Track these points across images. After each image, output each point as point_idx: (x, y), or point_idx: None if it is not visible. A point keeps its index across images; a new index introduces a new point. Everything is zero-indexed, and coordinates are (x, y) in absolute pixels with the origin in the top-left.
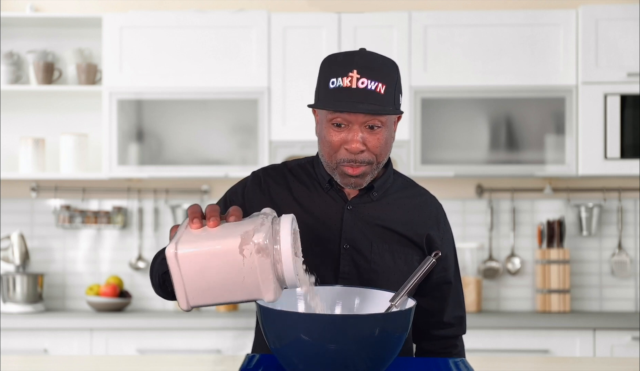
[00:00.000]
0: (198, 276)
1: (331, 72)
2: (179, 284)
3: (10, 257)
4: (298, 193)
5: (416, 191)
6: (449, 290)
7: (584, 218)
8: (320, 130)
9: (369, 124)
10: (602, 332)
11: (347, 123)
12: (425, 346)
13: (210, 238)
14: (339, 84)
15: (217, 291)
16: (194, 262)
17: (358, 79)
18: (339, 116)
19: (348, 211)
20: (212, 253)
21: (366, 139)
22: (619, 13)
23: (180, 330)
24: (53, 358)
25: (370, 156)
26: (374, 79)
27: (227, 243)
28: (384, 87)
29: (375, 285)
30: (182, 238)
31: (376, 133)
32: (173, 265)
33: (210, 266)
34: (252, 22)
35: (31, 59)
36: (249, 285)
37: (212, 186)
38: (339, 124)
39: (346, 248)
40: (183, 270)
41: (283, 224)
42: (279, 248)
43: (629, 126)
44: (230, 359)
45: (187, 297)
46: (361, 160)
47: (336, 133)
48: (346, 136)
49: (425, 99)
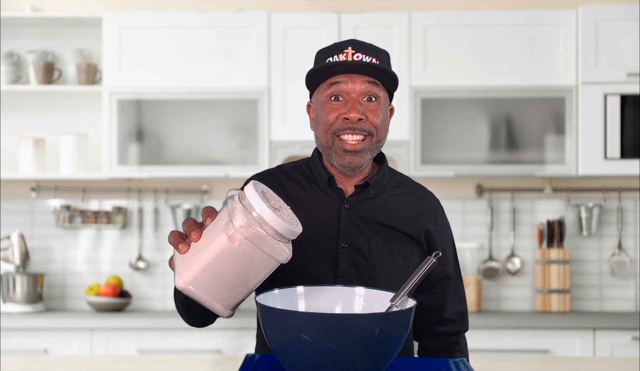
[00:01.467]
0: (218, 286)
1: (325, 53)
2: (208, 301)
3: (10, 257)
4: (294, 194)
5: (413, 188)
6: (448, 285)
7: (584, 218)
8: (318, 109)
9: (367, 96)
10: (602, 332)
11: (344, 95)
12: (427, 344)
13: (202, 251)
14: (335, 60)
15: (242, 285)
16: (205, 279)
17: (353, 53)
18: (336, 88)
19: (345, 210)
20: (212, 262)
21: (365, 110)
22: (619, 13)
23: (180, 330)
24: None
25: (369, 125)
26: (368, 55)
27: (217, 245)
28: (378, 61)
29: (374, 283)
30: (180, 267)
31: (374, 106)
32: (192, 292)
33: (220, 271)
34: (252, 22)
35: (31, 59)
36: (261, 261)
37: (212, 186)
38: (337, 98)
39: (344, 247)
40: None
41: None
42: (257, 214)
43: (629, 126)
44: (230, 359)
45: (222, 306)
46: (361, 128)
47: (334, 108)
48: (344, 108)
49: (425, 99)
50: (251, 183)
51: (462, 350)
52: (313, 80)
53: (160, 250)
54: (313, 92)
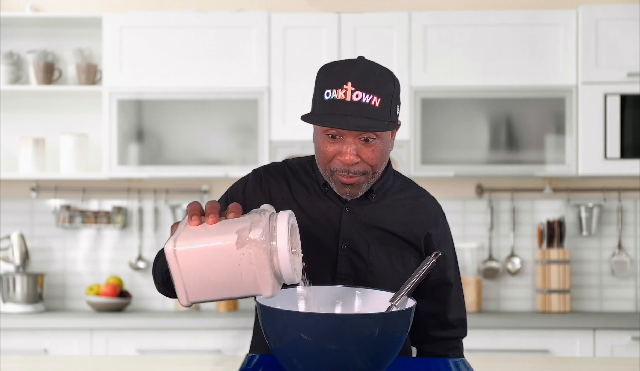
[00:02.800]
0: (197, 273)
1: (326, 83)
2: (178, 280)
3: (10, 257)
4: (297, 192)
5: (415, 193)
6: (449, 292)
7: (584, 218)
8: (315, 139)
9: (363, 137)
10: (602, 332)
11: (341, 135)
12: (426, 349)
13: (208, 235)
14: (333, 96)
15: (216, 288)
16: (192, 259)
17: (352, 91)
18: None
19: (346, 213)
20: (209, 250)
21: (360, 151)
22: (619, 13)
23: (180, 330)
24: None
25: (365, 166)
26: (369, 92)
27: (224, 240)
28: (379, 100)
29: (371, 286)
30: (180, 234)
31: (371, 145)
32: (172, 262)
33: (208, 263)
34: (252, 22)
35: (31, 59)
36: (247, 281)
37: (212, 186)
38: (333, 136)
39: (344, 249)
40: (182, 267)
41: (280, 220)
42: (275, 244)
43: (629, 126)
44: (230, 359)
45: (186, 293)
46: (355, 171)
47: (330, 144)
48: (340, 148)
49: (425, 99)
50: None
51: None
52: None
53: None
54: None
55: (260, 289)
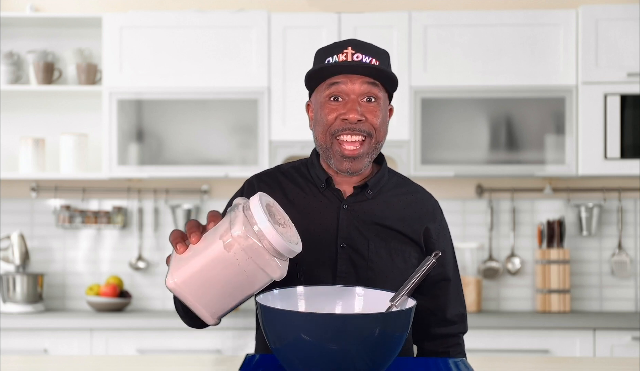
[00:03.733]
0: (207, 292)
1: (325, 53)
2: (195, 306)
3: (10, 257)
4: (293, 195)
5: (411, 188)
6: (448, 287)
7: (584, 218)
8: (315, 114)
9: (366, 97)
10: (602, 332)
11: (344, 96)
12: (427, 346)
13: (197, 254)
14: (335, 61)
15: (231, 295)
16: (195, 282)
17: (353, 53)
18: (335, 88)
19: (344, 211)
20: (205, 267)
21: (364, 111)
22: (619, 13)
23: (180, 330)
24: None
25: (368, 126)
26: (368, 55)
27: (212, 251)
28: (378, 62)
29: (373, 283)
30: (173, 266)
31: (373, 107)
32: (180, 294)
33: (211, 278)
34: (252, 22)
35: (31, 59)
36: (254, 274)
37: (212, 186)
38: (336, 98)
39: (343, 247)
40: (191, 294)
41: (252, 204)
42: (258, 228)
43: (629, 126)
44: (230, 359)
45: (209, 313)
46: (360, 129)
47: (333, 108)
48: (343, 108)
49: (425, 99)
50: (257, 195)
51: (462, 352)
52: (312, 80)
53: (160, 250)
54: (312, 92)
55: (269, 274)
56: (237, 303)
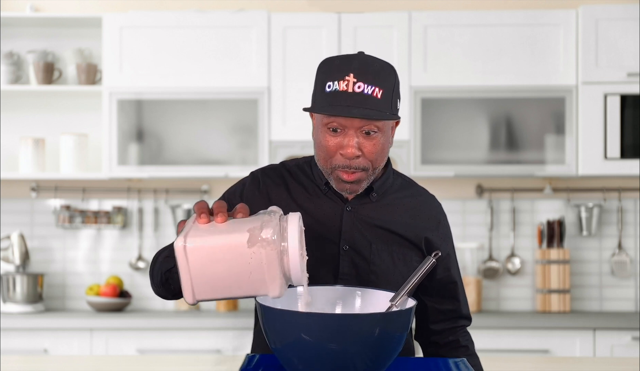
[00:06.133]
0: (205, 270)
1: (328, 75)
2: (186, 277)
3: (10, 257)
4: (296, 193)
5: (415, 191)
6: (456, 289)
7: (584, 218)
8: (316, 134)
9: (365, 130)
10: (602, 332)
11: (342, 128)
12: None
13: (218, 233)
14: (335, 88)
15: (224, 286)
16: (202, 256)
17: (354, 83)
18: (334, 120)
19: (347, 212)
20: (220, 248)
21: (362, 145)
22: (619, 13)
23: (180, 330)
24: (53, 358)
25: (365, 162)
26: (370, 84)
27: (235, 238)
28: (381, 91)
29: (374, 286)
30: (190, 231)
31: (372, 139)
32: (181, 258)
33: (218, 261)
34: (252, 22)
35: (31, 59)
36: (256, 280)
37: (212, 186)
38: (334, 129)
39: (345, 249)
40: (191, 263)
41: (291, 221)
42: (286, 245)
43: (629, 126)
44: (230, 359)
45: (193, 291)
46: (356, 166)
47: (332, 138)
48: (342, 141)
49: (425, 99)
50: (298, 215)
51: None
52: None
53: None
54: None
55: (268, 289)
56: (223, 297)
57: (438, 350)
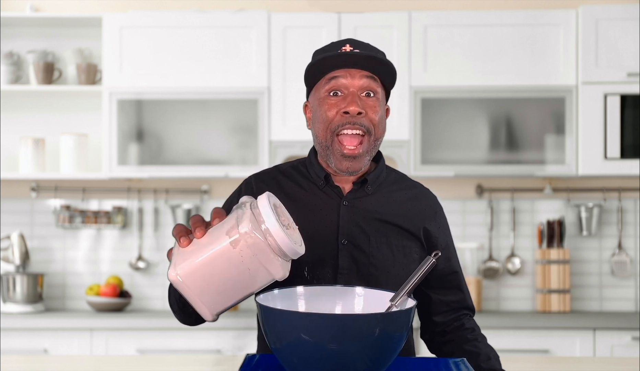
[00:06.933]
0: (208, 287)
1: (323, 51)
2: (195, 301)
3: (10, 257)
4: (292, 192)
5: (410, 184)
6: (458, 279)
7: (584, 218)
8: (315, 108)
9: (365, 91)
10: (602, 332)
11: (344, 89)
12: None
13: (202, 249)
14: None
15: (233, 291)
16: (197, 276)
17: (352, 49)
18: (335, 83)
19: (344, 207)
20: (209, 262)
21: (364, 105)
22: (619, 13)
23: (180, 330)
24: (53, 358)
25: (368, 121)
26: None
27: (218, 246)
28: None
29: (374, 279)
30: (177, 259)
31: (373, 101)
32: (181, 287)
33: (214, 273)
34: (252, 22)
35: (31, 59)
36: (257, 273)
37: (212, 186)
38: (335, 93)
39: (344, 244)
40: (191, 288)
41: (260, 203)
42: (265, 227)
43: (629, 126)
44: (230, 359)
45: (208, 309)
46: (360, 123)
47: (333, 103)
48: (343, 102)
49: (425, 99)
50: (265, 195)
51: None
52: (312, 75)
53: (160, 250)
54: (311, 90)
55: (272, 274)
56: (237, 300)
57: (444, 338)
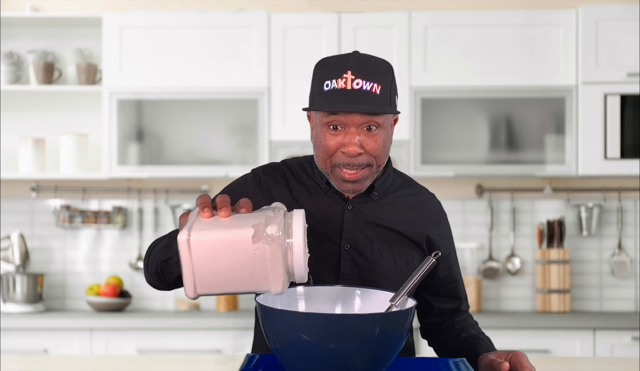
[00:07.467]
0: (208, 264)
1: (325, 74)
2: (189, 271)
3: (10, 257)
4: (298, 192)
5: (415, 190)
6: (458, 288)
7: (584, 218)
8: (316, 135)
9: (366, 126)
10: (602, 332)
11: (343, 126)
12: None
13: (222, 227)
14: (333, 86)
15: (226, 281)
16: (205, 250)
17: (353, 79)
18: (335, 118)
19: (348, 211)
20: (224, 242)
21: (363, 142)
22: (619, 13)
23: (180, 330)
24: (53, 358)
25: (368, 158)
26: (369, 80)
27: (239, 233)
28: (379, 87)
29: (375, 285)
30: (194, 225)
31: (374, 135)
32: (184, 252)
33: (221, 255)
34: (252, 22)
35: (31, 59)
36: (258, 276)
37: (212, 186)
38: (335, 127)
39: (347, 249)
40: (194, 257)
41: (295, 217)
42: (291, 242)
43: (629, 126)
44: (230, 359)
45: (195, 285)
46: (359, 163)
47: (332, 137)
48: (343, 139)
49: (425, 99)
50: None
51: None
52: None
53: None
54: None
55: (271, 285)
56: (224, 291)
57: (440, 329)
